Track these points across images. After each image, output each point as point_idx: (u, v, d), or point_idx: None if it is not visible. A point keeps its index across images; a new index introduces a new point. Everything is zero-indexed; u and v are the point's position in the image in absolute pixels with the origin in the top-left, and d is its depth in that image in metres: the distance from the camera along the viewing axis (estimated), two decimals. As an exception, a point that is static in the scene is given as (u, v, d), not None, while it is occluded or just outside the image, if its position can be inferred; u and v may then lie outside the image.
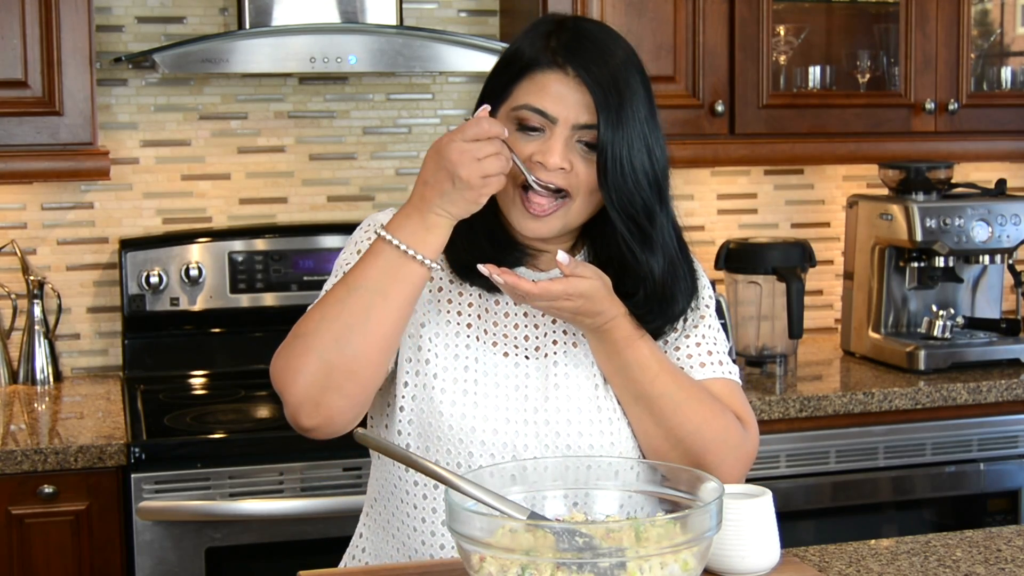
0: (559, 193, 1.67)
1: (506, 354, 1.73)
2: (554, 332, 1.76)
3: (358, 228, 1.81)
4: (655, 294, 1.71)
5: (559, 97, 1.66)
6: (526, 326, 1.76)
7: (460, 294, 1.76)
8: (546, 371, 1.73)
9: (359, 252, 1.75)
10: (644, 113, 1.67)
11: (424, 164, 1.60)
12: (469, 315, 1.75)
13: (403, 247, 1.59)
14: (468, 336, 1.74)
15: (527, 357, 1.74)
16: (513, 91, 1.69)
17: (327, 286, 1.74)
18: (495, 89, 1.72)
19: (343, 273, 1.69)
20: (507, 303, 1.76)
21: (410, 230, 1.60)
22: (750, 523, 1.56)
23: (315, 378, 1.59)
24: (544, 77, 1.67)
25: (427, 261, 1.60)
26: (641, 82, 1.68)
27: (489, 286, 1.72)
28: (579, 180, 1.67)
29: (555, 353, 1.74)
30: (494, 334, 1.75)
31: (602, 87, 1.65)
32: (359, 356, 1.60)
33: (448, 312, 1.75)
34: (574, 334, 1.75)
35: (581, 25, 1.72)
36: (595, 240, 1.76)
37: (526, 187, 1.66)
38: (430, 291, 1.76)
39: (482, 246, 1.73)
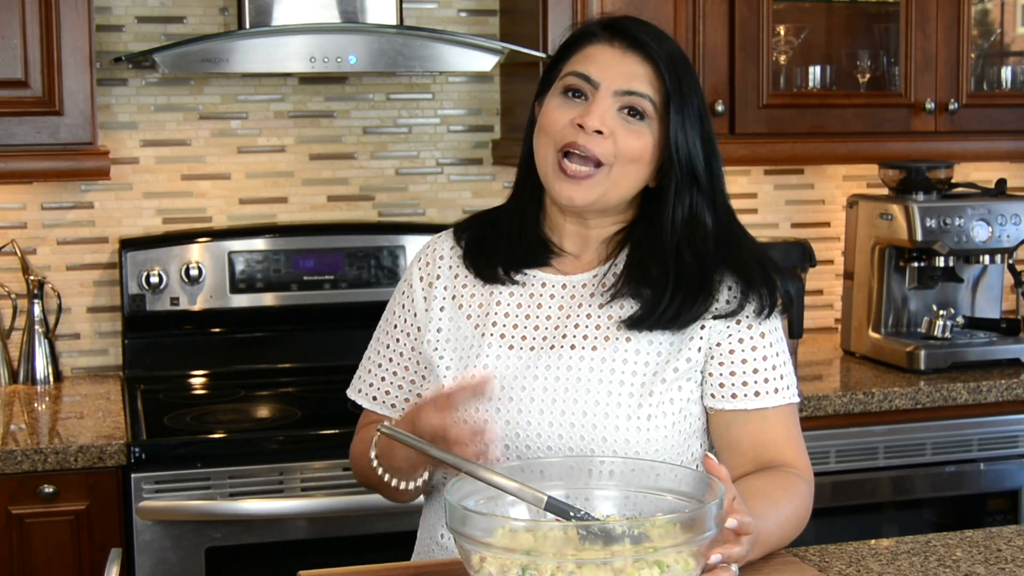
0: (597, 164, 1.71)
1: (531, 347, 1.76)
2: (576, 331, 1.76)
3: (415, 258, 1.89)
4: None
5: (604, 64, 1.73)
6: (549, 317, 1.78)
7: (472, 296, 1.81)
8: (569, 363, 1.74)
9: (408, 284, 1.86)
10: (698, 102, 1.73)
11: None
12: (495, 316, 1.79)
13: (387, 477, 1.77)
14: (483, 335, 1.78)
15: (542, 348, 1.76)
16: (562, 68, 1.76)
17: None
18: (547, 81, 1.79)
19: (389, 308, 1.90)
20: (520, 295, 1.79)
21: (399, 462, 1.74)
22: None
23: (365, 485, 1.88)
24: (592, 48, 1.76)
25: (410, 487, 1.76)
26: (693, 74, 1.75)
27: (504, 281, 1.79)
28: (617, 148, 1.71)
29: (575, 348, 1.75)
30: (503, 326, 1.78)
31: (662, 58, 1.72)
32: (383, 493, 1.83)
33: (459, 316, 1.80)
34: (595, 338, 1.75)
35: (633, 17, 1.81)
36: (644, 231, 1.78)
37: (566, 153, 1.71)
38: (443, 298, 1.82)
39: (507, 244, 1.79)
